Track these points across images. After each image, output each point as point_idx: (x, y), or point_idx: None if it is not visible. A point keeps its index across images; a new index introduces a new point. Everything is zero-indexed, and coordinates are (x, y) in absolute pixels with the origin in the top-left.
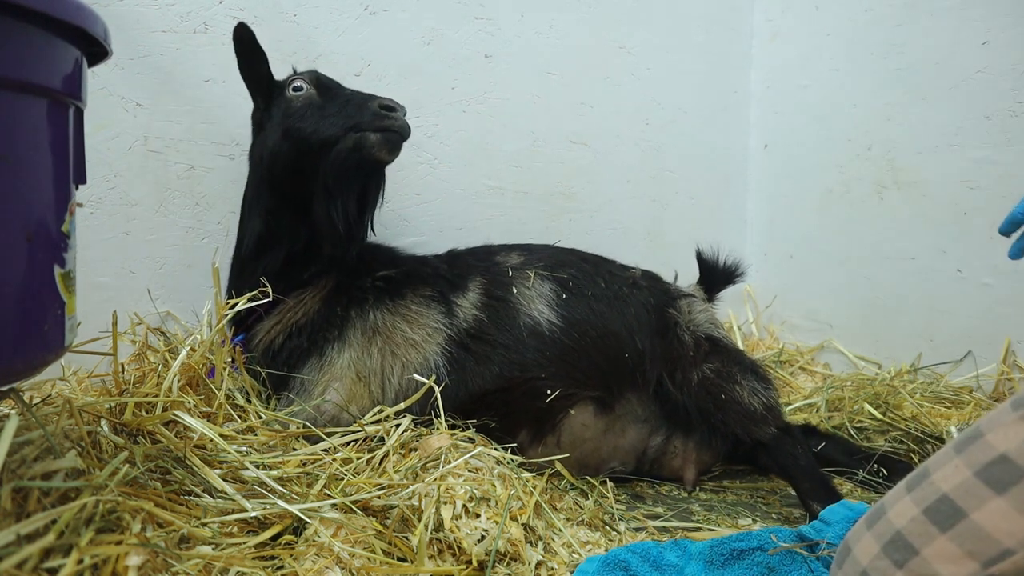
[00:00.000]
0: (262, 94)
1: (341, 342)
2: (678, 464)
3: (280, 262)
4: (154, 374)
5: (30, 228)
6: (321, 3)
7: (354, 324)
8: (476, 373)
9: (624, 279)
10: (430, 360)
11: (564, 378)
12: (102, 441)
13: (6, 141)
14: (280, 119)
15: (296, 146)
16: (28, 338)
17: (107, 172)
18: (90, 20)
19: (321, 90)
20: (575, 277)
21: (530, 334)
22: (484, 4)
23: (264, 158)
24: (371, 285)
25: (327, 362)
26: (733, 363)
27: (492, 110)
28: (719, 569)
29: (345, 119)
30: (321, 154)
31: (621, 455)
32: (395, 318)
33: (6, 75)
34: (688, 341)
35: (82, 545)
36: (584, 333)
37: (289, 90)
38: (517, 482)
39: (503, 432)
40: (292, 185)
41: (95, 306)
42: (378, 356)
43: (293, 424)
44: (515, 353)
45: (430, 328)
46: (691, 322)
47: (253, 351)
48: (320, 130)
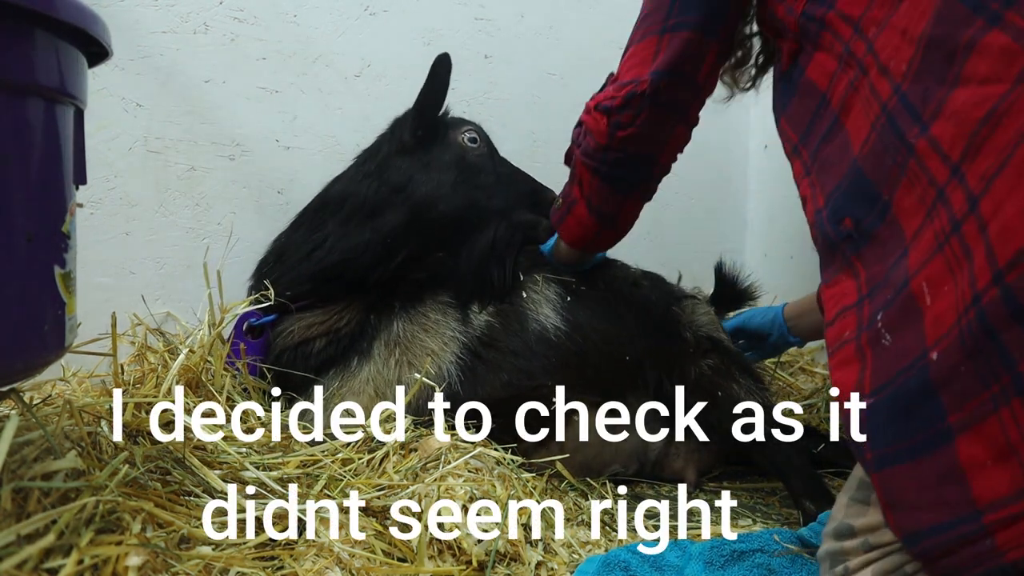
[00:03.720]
0: (426, 126)
1: (367, 356)
2: (679, 465)
3: (359, 274)
4: (153, 374)
5: (30, 228)
6: (321, 3)
7: (380, 336)
8: (486, 381)
9: (625, 279)
10: (444, 370)
11: (569, 383)
12: (102, 441)
13: (5, 141)
14: (453, 167)
15: (468, 203)
16: (28, 338)
17: (107, 172)
18: (90, 20)
19: (491, 150)
20: (577, 280)
21: (538, 340)
22: (484, 4)
23: (418, 193)
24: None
25: (349, 374)
26: (732, 361)
27: (492, 110)
28: (719, 570)
29: (519, 196)
30: (491, 218)
31: (623, 458)
32: (414, 327)
33: (6, 75)
34: (689, 339)
35: (82, 545)
36: (587, 337)
37: (463, 139)
38: (517, 482)
39: (506, 434)
40: (440, 230)
41: (95, 306)
42: (396, 368)
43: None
44: (523, 360)
45: (446, 337)
46: (693, 323)
47: (278, 343)
48: (496, 200)
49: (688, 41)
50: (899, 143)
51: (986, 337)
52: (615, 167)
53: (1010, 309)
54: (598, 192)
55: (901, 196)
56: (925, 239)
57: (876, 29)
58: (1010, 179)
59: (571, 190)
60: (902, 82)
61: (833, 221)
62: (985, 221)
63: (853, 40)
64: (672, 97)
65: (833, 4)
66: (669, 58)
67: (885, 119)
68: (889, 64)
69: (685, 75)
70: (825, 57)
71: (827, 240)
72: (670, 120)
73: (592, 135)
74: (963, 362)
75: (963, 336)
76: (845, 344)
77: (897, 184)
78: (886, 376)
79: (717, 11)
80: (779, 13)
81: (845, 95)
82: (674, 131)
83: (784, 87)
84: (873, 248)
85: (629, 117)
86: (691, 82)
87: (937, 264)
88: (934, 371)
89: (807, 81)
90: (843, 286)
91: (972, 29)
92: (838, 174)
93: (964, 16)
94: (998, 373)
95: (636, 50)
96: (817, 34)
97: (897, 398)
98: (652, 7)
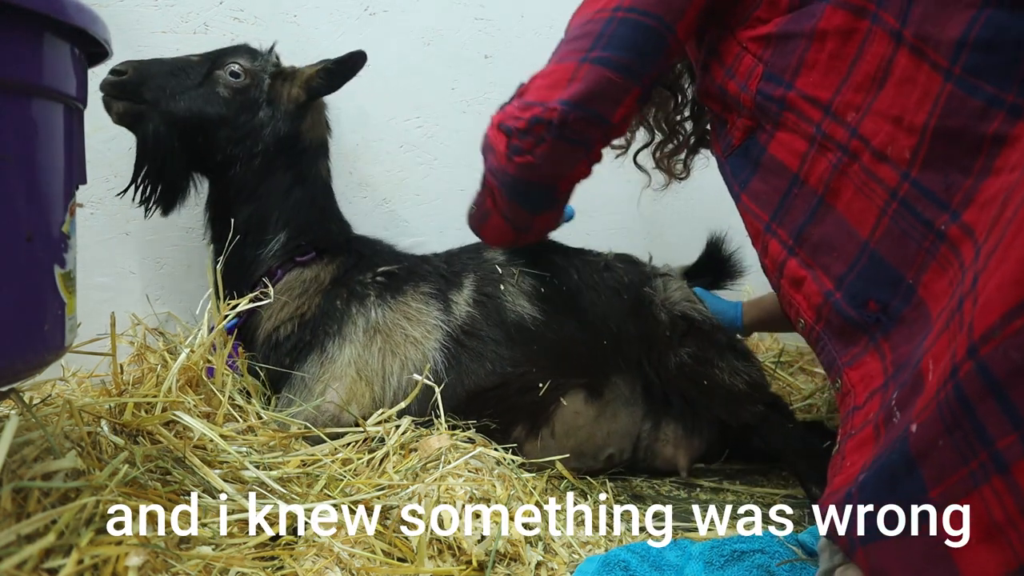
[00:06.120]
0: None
1: (341, 337)
2: (670, 452)
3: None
4: (152, 374)
5: (30, 228)
6: (321, 3)
7: (355, 321)
8: (471, 370)
9: (595, 265)
10: (428, 356)
11: (552, 370)
12: (102, 441)
13: (6, 141)
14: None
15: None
16: (28, 338)
17: (107, 172)
18: (91, 20)
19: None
20: (552, 271)
21: (517, 329)
22: (484, 4)
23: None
24: (372, 280)
25: (328, 359)
26: (709, 345)
27: (492, 110)
28: (719, 570)
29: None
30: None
31: (616, 440)
32: (396, 315)
33: (6, 75)
34: (664, 320)
35: (82, 545)
36: (563, 325)
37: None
38: (517, 483)
39: (499, 428)
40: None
41: (95, 306)
42: (379, 355)
43: (294, 425)
44: (505, 348)
45: (429, 325)
46: (667, 299)
47: (250, 341)
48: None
49: (607, 80)
50: (925, 229)
51: (963, 411)
52: (514, 189)
53: (985, 382)
54: (508, 207)
55: (930, 280)
56: (942, 318)
57: (856, 114)
58: (1000, 253)
59: (484, 200)
60: (909, 169)
61: (855, 304)
62: (977, 295)
63: (827, 123)
64: (580, 134)
65: (792, 84)
66: (583, 91)
67: (898, 205)
68: (887, 151)
69: (598, 114)
70: (791, 137)
71: (848, 322)
72: (574, 155)
73: (494, 153)
74: (941, 435)
75: (941, 409)
76: (867, 425)
77: (925, 268)
78: (880, 450)
79: (646, 56)
80: (730, 89)
81: (829, 178)
82: (576, 166)
83: (740, 163)
84: (901, 330)
85: (529, 144)
86: (603, 121)
87: (942, 340)
88: (913, 443)
89: (771, 159)
90: (869, 367)
91: (996, 122)
92: (846, 257)
93: (980, 110)
94: (976, 448)
95: (552, 70)
96: (778, 113)
97: (882, 470)
98: (579, 32)
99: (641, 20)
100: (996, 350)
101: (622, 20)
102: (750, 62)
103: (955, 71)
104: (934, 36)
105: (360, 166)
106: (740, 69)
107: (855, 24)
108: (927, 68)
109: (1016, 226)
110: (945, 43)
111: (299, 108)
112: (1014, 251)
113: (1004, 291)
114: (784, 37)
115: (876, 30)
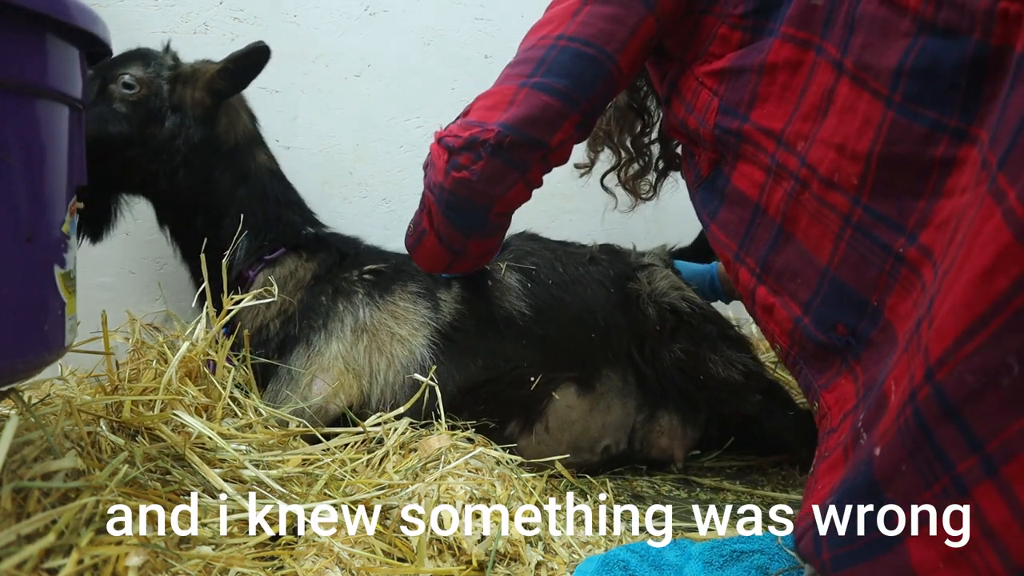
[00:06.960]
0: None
1: (327, 332)
2: (665, 443)
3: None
4: (150, 369)
5: (30, 228)
6: (321, 3)
7: (341, 317)
8: (462, 365)
9: (580, 258)
10: (416, 354)
11: (543, 364)
12: (102, 441)
13: (8, 141)
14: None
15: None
16: (28, 338)
17: None
18: (91, 21)
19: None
20: (538, 266)
21: (506, 325)
22: (484, 4)
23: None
24: (360, 278)
25: (315, 352)
26: (700, 339)
27: None
28: (718, 570)
29: None
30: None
31: (612, 432)
32: (383, 315)
33: (7, 76)
34: (652, 314)
35: (82, 545)
36: (551, 320)
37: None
38: (517, 482)
39: (494, 425)
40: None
41: (95, 306)
42: (365, 354)
43: (292, 423)
44: (495, 343)
45: (416, 323)
46: (654, 291)
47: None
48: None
49: (546, 106)
50: (884, 253)
51: (922, 435)
52: (449, 207)
53: (942, 407)
54: (443, 226)
55: (895, 302)
56: (903, 340)
57: (804, 143)
58: (952, 276)
59: (421, 218)
60: (859, 195)
61: (823, 328)
62: (932, 318)
63: (780, 153)
64: (517, 156)
65: (747, 117)
66: (521, 115)
67: (853, 230)
68: (834, 178)
69: (534, 138)
70: (751, 168)
71: (820, 346)
72: (510, 175)
73: (434, 167)
74: (904, 460)
75: (902, 434)
76: (838, 448)
77: (889, 290)
78: (847, 471)
79: (585, 85)
80: (690, 124)
81: (785, 206)
82: (512, 188)
83: (708, 195)
84: (871, 352)
85: (467, 160)
86: (540, 145)
87: (902, 362)
88: (876, 467)
89: (735, 190)
90: (843, 390)
91: (942, 146)
92: (809, 283)
93: (925, 136)
94: (937, 473)
95: (493, 91)
96: (737, 146)
97: (848, 494)
98: (523, 57)
99: (582, 49)
100: (951, 375)
101: (563, 48)
102: (707, 96)
103: (895, 99)
104: (874, 65)
105: (360, 166)
106: (698, 104)
107: (801, 56)
108: (868, 96)
109: (966, 249)
110: (884, 72)
111: (208, 111)
112: (964, 274)
113: (956, 314)
114: (737, 71)
115: (821, 61)
